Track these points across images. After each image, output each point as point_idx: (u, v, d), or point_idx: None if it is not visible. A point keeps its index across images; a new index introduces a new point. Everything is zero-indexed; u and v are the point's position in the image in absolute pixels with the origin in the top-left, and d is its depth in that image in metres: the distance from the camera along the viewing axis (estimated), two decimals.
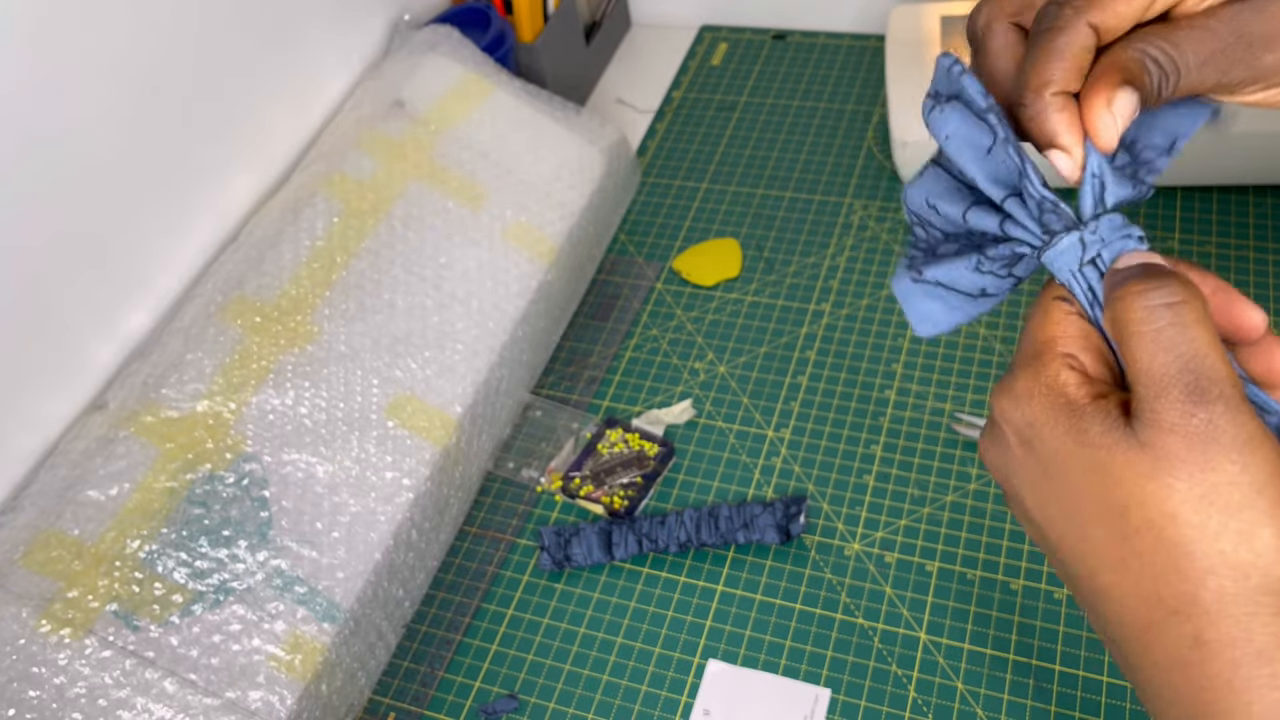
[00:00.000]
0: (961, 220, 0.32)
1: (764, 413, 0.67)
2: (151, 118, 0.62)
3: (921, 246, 0.35)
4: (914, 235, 0.35)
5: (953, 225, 0.33)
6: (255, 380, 0.58)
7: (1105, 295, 0.29)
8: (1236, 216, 0.73)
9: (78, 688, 0.49)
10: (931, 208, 0.33)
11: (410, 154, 0.69)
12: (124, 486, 0.54)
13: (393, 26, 0.81)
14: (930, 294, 0.34)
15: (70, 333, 0.59)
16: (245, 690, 0.51)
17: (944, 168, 0.33)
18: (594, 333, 0.74)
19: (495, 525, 0.65)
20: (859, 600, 0.58)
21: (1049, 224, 0.30)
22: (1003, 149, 0.30)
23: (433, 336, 0.64)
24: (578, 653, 0.58)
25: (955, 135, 0.31)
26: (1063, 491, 0.29)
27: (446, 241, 0.67)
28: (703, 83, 0.92)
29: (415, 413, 0.61)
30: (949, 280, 0.33)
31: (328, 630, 0.54)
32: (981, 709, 0.53)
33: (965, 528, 0.60)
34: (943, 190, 0.33)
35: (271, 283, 0.62)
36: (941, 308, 0.34)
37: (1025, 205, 0.30)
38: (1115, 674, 0.53)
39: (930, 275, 0.33)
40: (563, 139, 0.75)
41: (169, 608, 0.52)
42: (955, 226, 0.33)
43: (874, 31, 0.93)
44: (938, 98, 0.32)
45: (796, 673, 0.56)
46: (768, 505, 0.61)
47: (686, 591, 0.60)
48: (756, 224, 0.80)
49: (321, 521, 0.56)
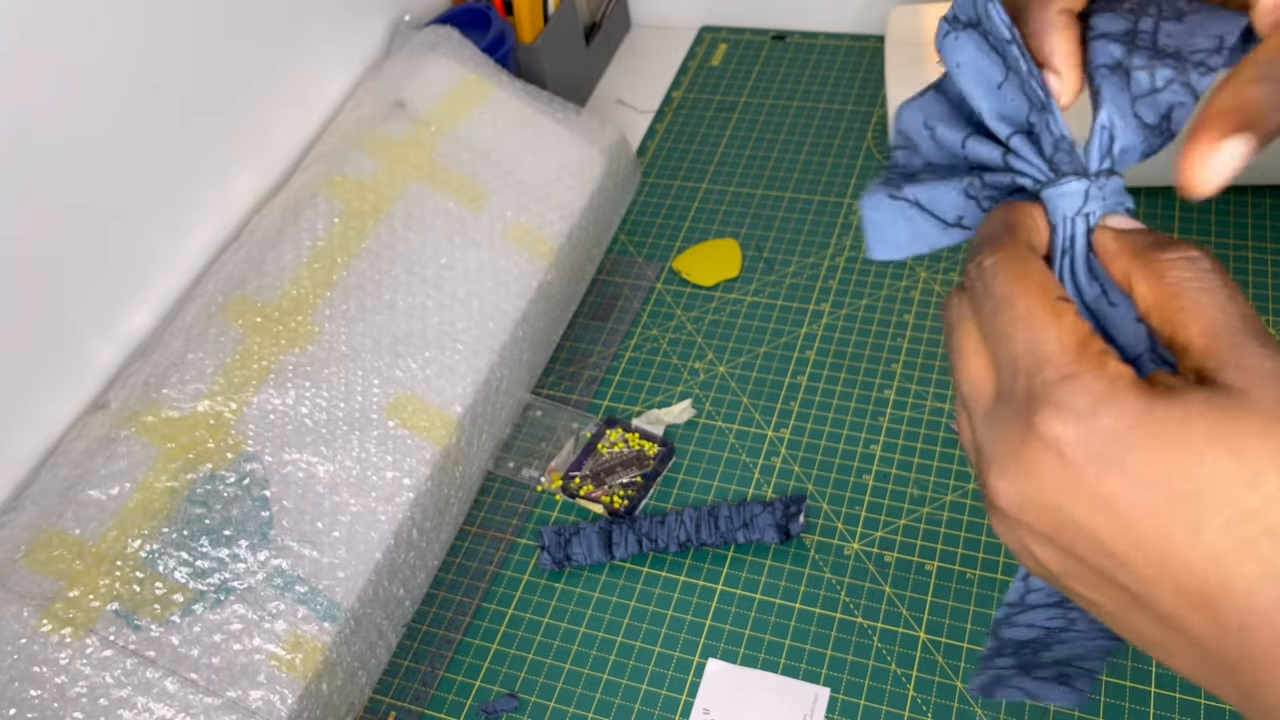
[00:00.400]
0: (960, 147, 0.31)
1: (764, 412, 0.68)
2: (152, 118, 0.62)
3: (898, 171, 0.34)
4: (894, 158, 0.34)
5: (945, 152, 0.32)
6: (256, 380, 0.58)
7: (1130, 257, 0.27)
8: (1235, 217, 0.73)
9: (79, 687, 0.49)
10: (929, 130, 0.32)
11: (411, 155, 0.70)
12: (125, 486, 0.54)
13: (393, 27, 0.81)
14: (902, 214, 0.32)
15: (71, 332, 0.59)
16: (246, 689, 0.51)
17: (946, 93, 0.33)
18: (594, 333, 0.74)
19: (496, 525, 0.65)
20: (858, 599, 0.58)
21: (1059, 163, 0.29)
22: (1013, 84, 0.29)
23: (433, 336, 0.64)
24: (578, 652, 0.58)
25: (966, 65, 0.30)
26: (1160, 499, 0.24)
27: (447, 242, 0.68)
28: (702, 83, 0.93)
29: (416, 412, 0.61)
30: (928, 201, 0.32)
31: (328, 629, 0.54)
32: (980, 708, 0.53)
33: (964, 527, 0.60)
34: (943, 114, 0.32)
35: (272, 283, 0.62)
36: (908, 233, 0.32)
37: (1033, 143, 0.29)
38: (1114, 674, 0.53)
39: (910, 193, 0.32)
40: (563, 139, 0.75)
41: (170, 607, 0.52)
42: (947, 154, 0.32)
43: (873, 32, 0.93)
44: (954, 22, 0.30)
45: (796, 672, 0.56)
46: (767, 505, 0.61)
47: (686, 591, 0.60)
48: (756, 224, 0.80)
49: (322, 521, 0.56)
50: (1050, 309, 0.26)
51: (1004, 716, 0.53)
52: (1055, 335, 0.25)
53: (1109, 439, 0.24)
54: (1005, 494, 0.26)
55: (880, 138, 0.84)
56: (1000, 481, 0.26)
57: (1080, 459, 0.24)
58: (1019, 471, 0.26)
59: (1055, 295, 0.26)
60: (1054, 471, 0.25)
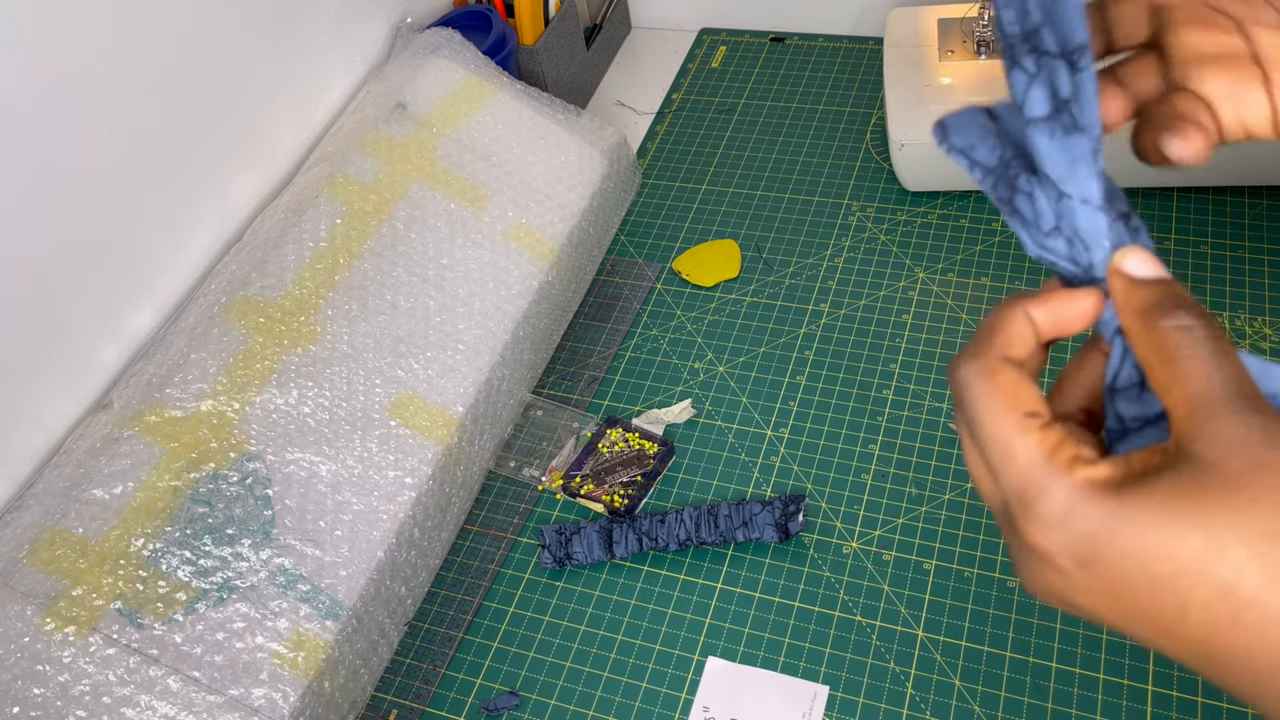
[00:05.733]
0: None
1: (763, 412, 0.68)
2: (155, 120, 0.62)
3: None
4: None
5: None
6: (259, 380, 0.59)
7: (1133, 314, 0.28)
8: (1233, 217, 0.73)
9: (82, 685, 0.49)
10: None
11: (412, 156, 0.70)
12: (128, 485, 0.54)
13: (395, 29, 0.81)
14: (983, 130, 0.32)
15: (75, 333, 0.59)
16: (249, 687, 0.51)
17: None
18: (594, 333, 0.75)
19: (497, 524, 0.65)
20: (857, 598, 0.58)
21: None
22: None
23: (435, 337, 0.64)
24: (579, 650, 0.59)
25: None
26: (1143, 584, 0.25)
27: (448, 242, 0.68)
28: (702, 85, 0.93)
29: (417, 412, 0.62)
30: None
31: (330, 628, 0.54)
32: (978, 705, 0.53)
33: (963, 526, 0.60)
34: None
35: (275, 283, 0.62)
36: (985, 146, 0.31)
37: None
38: (1111, 671, 0.54)
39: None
40: (563, 141, 0.76)
41: (173, 605, 0.52)
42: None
43: (872, 34, 0.93)
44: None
45: (795, 670, 0.56)
46: (767, 504, 0.61)
47: (686, 589, 0.60)
48: (755, 225, 0.80)
49: (324, 520, 0.57)
50: (1016, 426, 0.27)
51: (1003, 715, 0.53)
52: (1023, 452, 0.27)
53: (1085, 541, 0.26)
54: (1025, 582, 0.28)
55: (878, 139, 0.85)
56: (1019, 570, 0.29)
57: (1066, 564, 0.26)
58: (1030, 573, 0.28)
59: (1023, 411, 0.28)
60: (1051, 574, 0.27)
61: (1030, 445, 0.27)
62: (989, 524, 0.60)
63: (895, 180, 0.81)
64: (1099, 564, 0.26)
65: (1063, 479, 0.26)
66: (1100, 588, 0.26)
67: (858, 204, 0.80)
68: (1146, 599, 0.25)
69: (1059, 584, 0.27)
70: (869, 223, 0.78)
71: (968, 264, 0.74)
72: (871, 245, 0.77)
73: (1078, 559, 0.26)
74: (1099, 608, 0.27)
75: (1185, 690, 0.52)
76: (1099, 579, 0.26)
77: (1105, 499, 0.26)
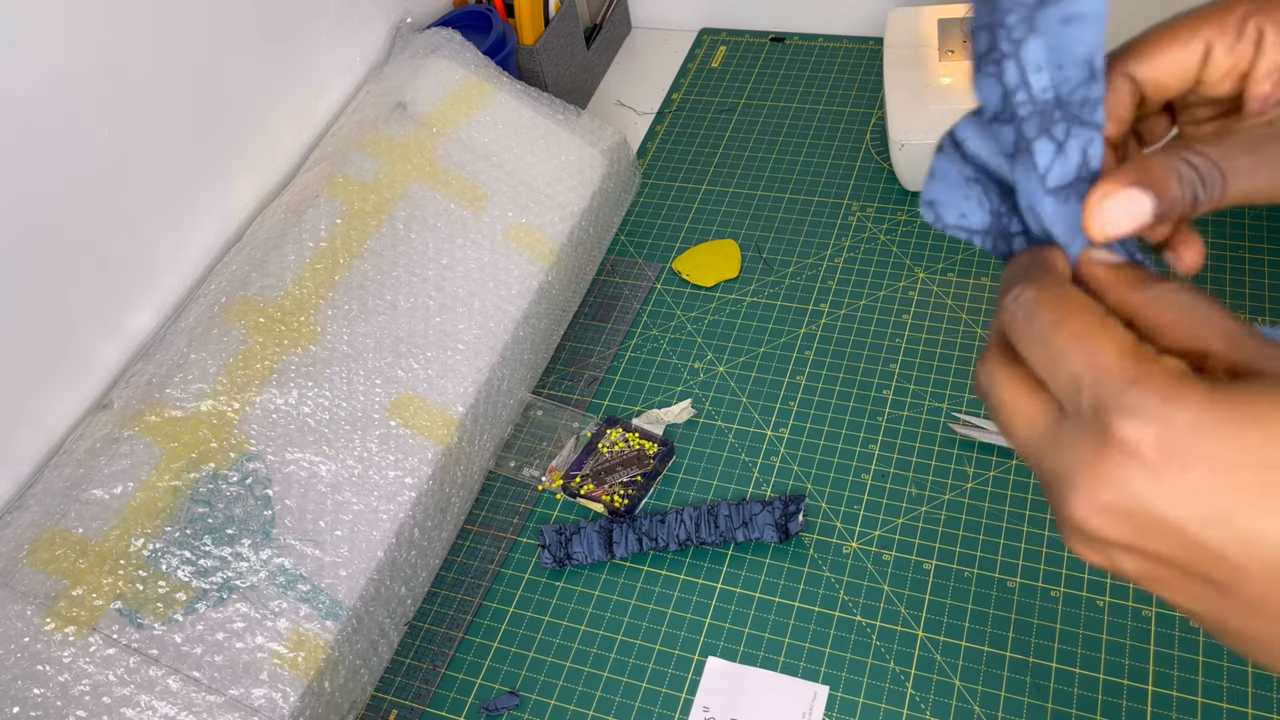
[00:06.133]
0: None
1: (763, 412, 0.68)
2: (155, 120, 0.62)
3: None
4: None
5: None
6: (259, 380, 0.59)
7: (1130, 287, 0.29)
8: (1233, 217, 0.73)
9: (82, 685, 0.49)
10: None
11: (412, 156, 0.70)
12: (128, 485, 0.54)
13: (395, 29, 0.81)
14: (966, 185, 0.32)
15: (75, 333, 0.59)
16: (248, 687, 0.51)
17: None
18: (594, 333, 0.75)
19: (497, 524, 0.65)
20: (857, 598, 0.58)
21: None
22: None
23: (435, 336, 0.64)
24: (579, 650, 0.59)
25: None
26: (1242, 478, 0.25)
27: (448, 242, 0.68)
28: (702, 85, 0.93)
29: (417, 412, 0.62)
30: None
31: (330, 628, 0.54)
32: (979, 706, 0.53)
33: (963, 526, 0.60)
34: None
35: (275, 283, 0.62)
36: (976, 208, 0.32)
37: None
38: (1112, 671, 0.54)
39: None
40: (563, 141, 0.76)
41: (173, 605, 0.52)
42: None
43: (872, 34, 0.94)
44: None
45: (795, 670, 0.56)
46: (767, 504, 0.61)
47: (686, 589, 0.60)
48: (755, 225, 0.80)
49: (324, 520, 0.57)
50: (1100, 323, 0.27)
51: (1003, 715, 0.53)
52: (1112, 345, 0.26)
53: (1184, 431, 0.25)
54: (1084, 511, 0.27)
55: (878, 139, 0.85)
56: (1078, 500, 0.27)
57: (1160, 457, 0.25)
58: (1098, 483, 0.26)
59: (1100, 313, 0.27)
60: (1136, 474, 0.26)
61: (1119, 338, 0.26)
62: (990, 524, 0.60)
63: (895, 180, 0.81)
64: (1198, 454, 0.25)
65: (1157, 368, 0.26)
66: (1192, 484, 0.25)
67: (858, 204, 0.80)
68: (1245, 493, 0.25)
69: (1140, 485, 0.26)
70: (869, 223, 0.78)
71: (968, 264, 0.74)
72: (871, 245, 0.77)
73: (1175, 450, 0.25)
74: (1182, 511, 0.25)
75: (1185, 690, 0.52)
76: (1194, 473, 0.25)
77: (1204, 390, 0.25)
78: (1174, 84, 0.31)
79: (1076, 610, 0.56)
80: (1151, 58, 0.31)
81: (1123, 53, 0.31)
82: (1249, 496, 0.25)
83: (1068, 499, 0.27)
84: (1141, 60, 0.31)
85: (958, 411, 0.66)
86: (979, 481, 0.62)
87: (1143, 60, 0.31)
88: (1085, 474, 0.27)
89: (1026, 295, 0.28)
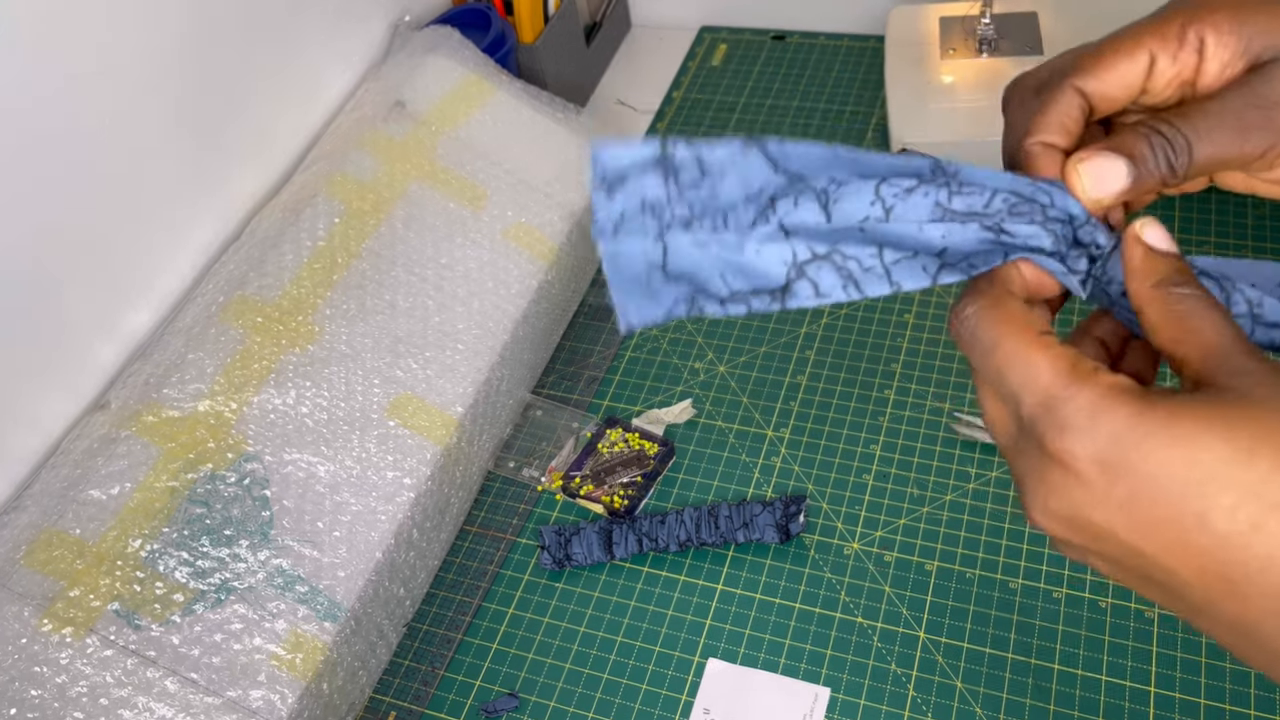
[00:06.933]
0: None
1: (764, 412, 0.68)
2: (153, 119, 0.62)
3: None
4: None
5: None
6: (256, 380, 0.58)
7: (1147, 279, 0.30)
8: (1235, 216, 0.73)
9: (79, 687, 0.49)
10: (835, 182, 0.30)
11: (411, 154, 0.70)
12: (125, 486, 0.54)
13: (393, 28, 0.81)
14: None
15: (72, 332, 0.59)
16: (246, 689, 0.51)
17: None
18: (594, 333, 0.74)
19: (496, 524, 0.65)
20: (858, 599, 0.58)
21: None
22: None
23: (433, 336, 0.64)
24: (578, 651, 0.58)
25: None
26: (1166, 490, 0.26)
27: (447, 242, 0.68)
28: (702, 83, 0.93)
29: (416, 412, 0.61)
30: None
31: (329, 629, 0.54)
32: (980, 707, 0.53)
33: (964, 527, 0.60)
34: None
35: (273, 283, 0.62)
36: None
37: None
38: (1114, 673, 0.53)
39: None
40: (563, 140, 0.76)
41: (170, 607, 0.52)
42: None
43: (873, 32, 0.93)
44: None
45: (796, 671, 0.56)
46: (767, 504, 0.61)
47: (686, 590, 0.60)
48: None
49: (323, 521, 0.56)
50: (1036, 341, 0.28)
51: (1005, 717, 0.53)
52: (1046, 363, 0.28)
53: (1111, 444, 0.26)
54: (1039, 517, 0.28)
55: (880, 138, 0.84)
56: (1034, 507, 0.28)
57: (1090, 470, 0.26)
58: (1047, 493, 0.28)
59: (1038, 330, 0.28)
60: (1072, 486, 0.27)
61: (1053, 356, 0.28)
62: (991, 524, 0.60)
63: None
64: (1123, 468, 0.26)
65: (1088, 383, 0.27)
66: (1121, 496, 0.26)
67: None
68: (1166, 506, 0.25)
69: (1078, 496, 0.27)
70: None
71: None
72: None
73: (1102, 463, 0.26)
74: (1115, 521, 0.26)
75: (1188, 692, 0.52)
76: (1121, 486, 0.26)
77: (1132, 402, 0.26)
78: (1122, 95, 0.32)
79: (1079, 611, 0.56)
80: (1099, 73, 0.32)
81: (1071, 68, 0.32)
82: (1172, 510, 0.25)
83: (1026, 504, 0.29)
84: (1090, 75, 0.32)
85: (959, 411, 0.65)
86: (981, 482, 0.62)
87: (1091, 75, 0.32)
88: (1035, 482, 0.28)
89: (968, 313, 0.30)
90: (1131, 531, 0.26)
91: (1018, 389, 0.28)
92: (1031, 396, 0.28)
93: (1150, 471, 0.26)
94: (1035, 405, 0.27)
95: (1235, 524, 0.25)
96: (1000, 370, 0.28)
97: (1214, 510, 0.25)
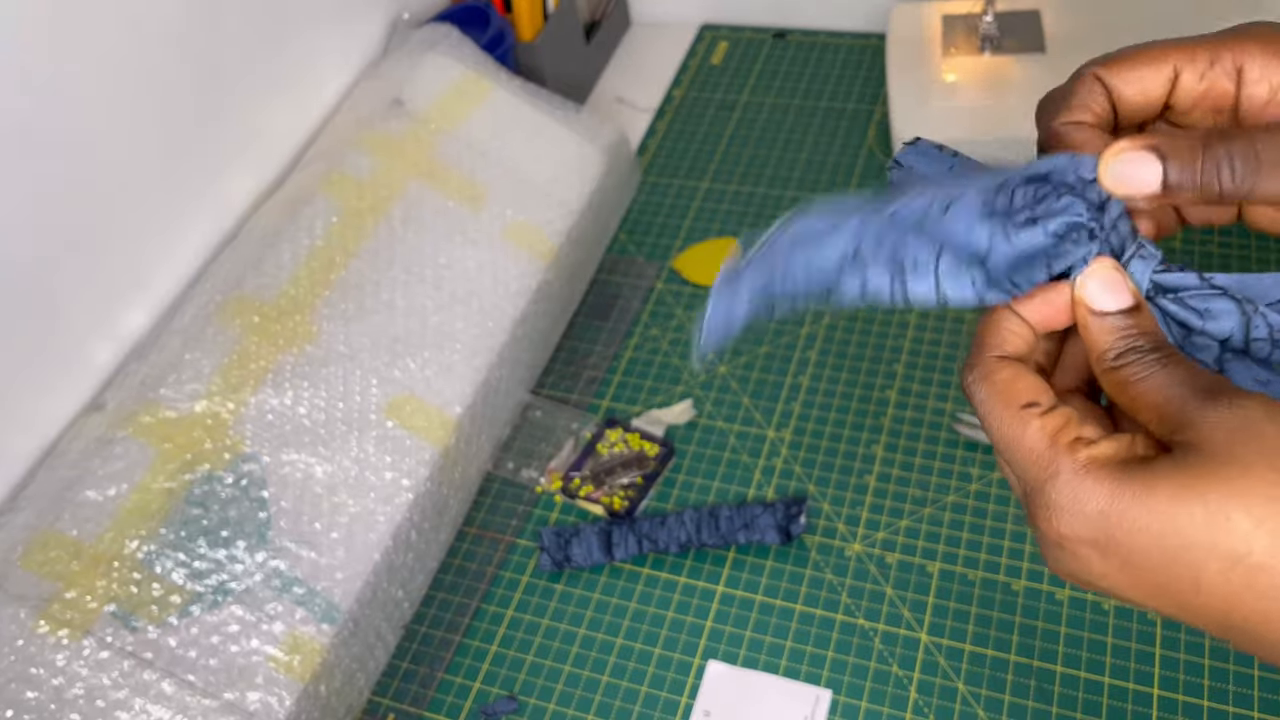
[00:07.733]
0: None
1: (764, 413, 0.67)
2: (149, 116, 0.61)
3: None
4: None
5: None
6: (254, 380, 0.58)
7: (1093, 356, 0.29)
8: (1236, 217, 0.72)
9: (76, 689, 0.49)
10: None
11: (410, 153, 0.69)
12: (122, 487, 0.53)
13: (392, 25, 0.81)
14: None
15: (68, 333, 0.58)
16: (244, 691, 0.51)
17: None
18: (594, 333, 0.74)
19: (495, 526, 0.64)
20: (860, 601, 0.58)
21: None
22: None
23: (432, 336, 0.64)
24: (578, 653, 0.58)
25: None
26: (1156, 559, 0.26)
27: (446, 241, 0.67)
28: (703, 82, 0.92)
29: (414, 413, 0.61)
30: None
31: (326, 631, 0.54)
32: (983, 710, 0.53)
33: (966, 528, 0.60)
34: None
35: (270, 283, 0.61)
36: None
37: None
38: (1117, 675, 0.53)
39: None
40: (562, 138, 0.75)
41: (167, 608, 0.51)
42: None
43: (875, 30, 0.93)
44: None
45: (797, 673, 0.56)
46: (768, 506, 0.60)
47: (687, 592, 0.60)
48: (757, 224, 0.79)
49: (320, 522, 0.56)
50: (1016, 419, 0.29)
51: (1005, 718, 0.52)
52: (1029, 442, 0.28)
53: (1098, 523, 0.27)
54: (1053, 567, 0.29)
55: (882, 136, 0.84)
56: (1048, 565, 0.30)
57: (1080, 547, 0.27)
58: (1054, 560, 0.29)
59: (1020, 404, 0.29)
60: (1071, 559, 0.28)
61: (1032, 435, 0.28)
62: (993, 526, 0.60)
63: None
64: (1112, 544, 0.26)
65: (1066, 463, 0.27)
66: (1118, 567, 0.27)
67: None
68: (1162, 574, 0.26)
69: (1079, 569, 0.28)
70: None
71: None
72: None
73: (1092, 541, 0.27)
74: (1120, 587, 0.27)
75: (1191, 694, 0.52)
76: (1115, 558, 0.27)
77: (1109, 478, 0.27)
78: (1140, 100, 0.31)
79: (1081, 613, 0.55)
80: (1120, 70, 0.31)
81: (1097, 60, 0.32)
82: (1166, 577, 0.26)
83: (1042, 553, 0.30)
84: (1111, 70, 0.31)
85: (961, 412, 0.65)
86: (983, 483, 0.62)
87: (1112, 70, 0.31)
88: (1043, 547, 0.29)
89: (968, 381, 0.30)
90: (1136, 591, 0.27)
91: (1011, 464, 0.29)
92: (1022, 474, 0.29)
93: (1138, 545, 0.26)
94: (1026, 483, 0.28)
95: (1230, 586, 0.25)
96: (996, 444, 0.29)
97: (1205, 576, 0.26)
